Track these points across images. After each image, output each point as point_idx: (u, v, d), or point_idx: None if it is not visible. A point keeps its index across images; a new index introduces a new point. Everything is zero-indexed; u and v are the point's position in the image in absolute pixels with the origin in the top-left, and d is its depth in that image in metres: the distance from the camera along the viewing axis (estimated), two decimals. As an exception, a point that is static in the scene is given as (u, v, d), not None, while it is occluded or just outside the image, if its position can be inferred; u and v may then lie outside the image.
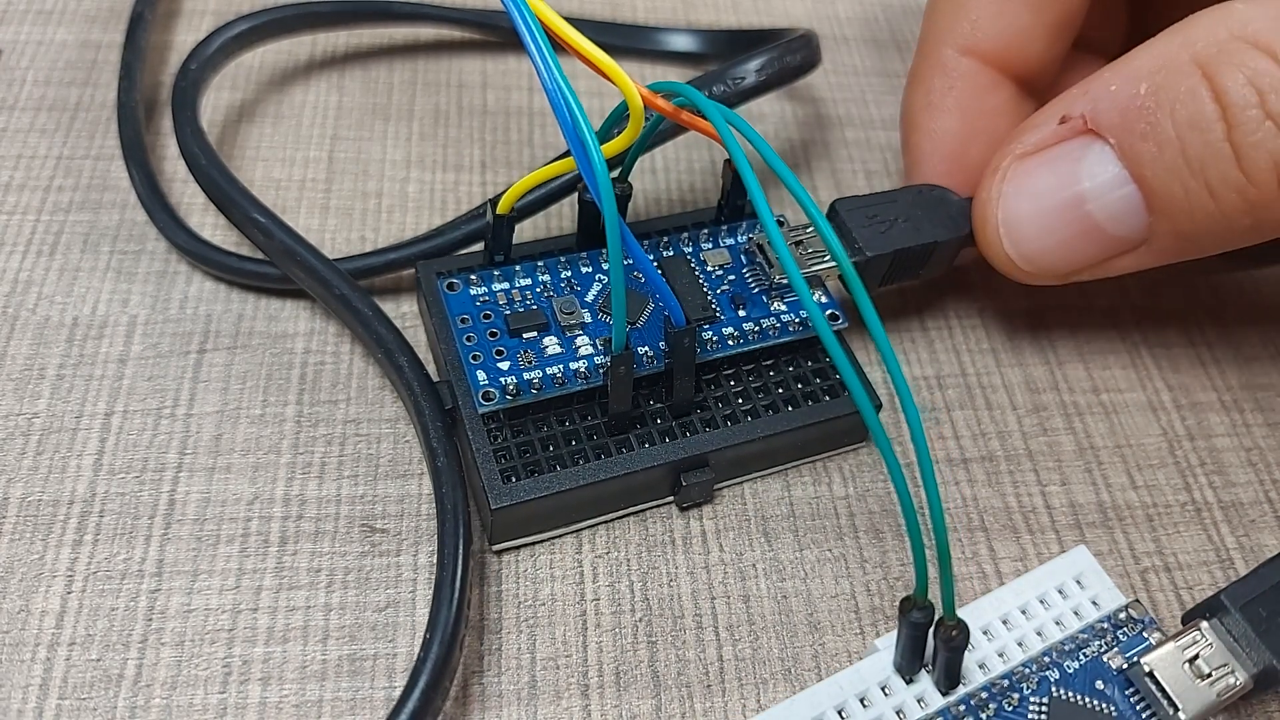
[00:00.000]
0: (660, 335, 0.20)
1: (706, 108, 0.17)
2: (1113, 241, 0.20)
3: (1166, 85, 0.18)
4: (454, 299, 0.20)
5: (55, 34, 0.27)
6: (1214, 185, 0.18)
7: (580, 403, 0.20)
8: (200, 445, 0.20)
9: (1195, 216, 0.19)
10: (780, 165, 0.16)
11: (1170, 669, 0.17)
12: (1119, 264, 0.21)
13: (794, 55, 0.23)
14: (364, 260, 0.22)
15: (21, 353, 0.21)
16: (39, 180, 0.24)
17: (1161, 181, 0.19)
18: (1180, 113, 0.18)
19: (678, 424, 0.20)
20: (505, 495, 0.18)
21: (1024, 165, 0.20)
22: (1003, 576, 0.20)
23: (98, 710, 0.17)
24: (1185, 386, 0.23)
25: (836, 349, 0.15)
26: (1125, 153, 0.19)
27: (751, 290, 0.21)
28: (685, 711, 0.18)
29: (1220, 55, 0.18)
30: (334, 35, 0.28)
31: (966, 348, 0.24)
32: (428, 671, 0.16)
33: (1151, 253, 0.20)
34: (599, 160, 0.16)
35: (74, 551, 0.19)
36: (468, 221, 0.22)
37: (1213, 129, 0.18)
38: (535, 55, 0.16)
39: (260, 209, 0.21)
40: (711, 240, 0.22)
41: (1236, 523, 0.21)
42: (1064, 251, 0.21)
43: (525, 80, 0.28)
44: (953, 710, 0.17)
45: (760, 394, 0.20)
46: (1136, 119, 0.19)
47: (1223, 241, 0.19)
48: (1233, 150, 0.18)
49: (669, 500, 0.20)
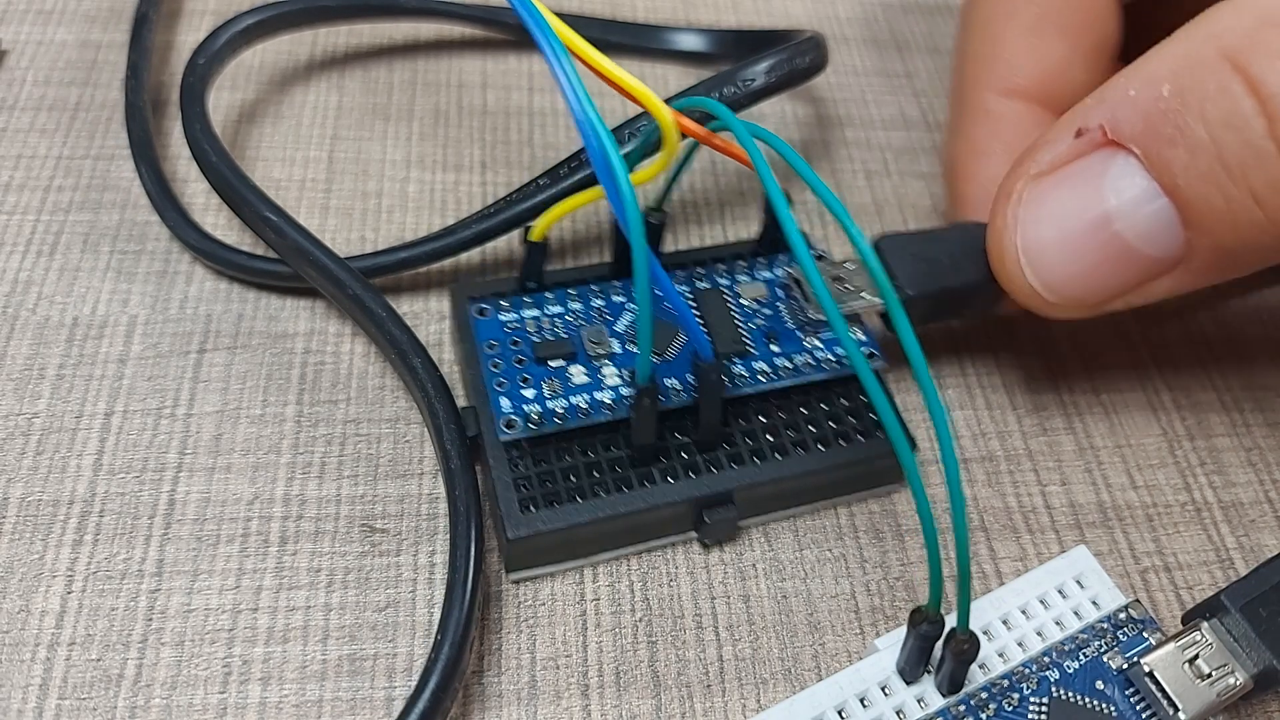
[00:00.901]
0: (690, 368, 0.20)
1: (741, 135, 0.16)
2: (1147, 263, 0.18)
3: (1193, 83, 0.16)
4: (482, 324, 0.20)
5: (55, 34, 0.27)
6: (1259, 190, 0.16)
7: (604, 434, 0.19)
8: (200, 445, 0.20)
9: (1239, 228, 0.17)
10: (835, 202, 0.16)
11: (1170, 669, 0.17)
12: (1155, 288, 0.18)
13: (803, 58, 0.23)
14: (372, 259, 0.22)
15: (21, 353, 0.21)
16: (39, 180, 0.24)
17: (1197, 191, 0.17)
18: (1212, 112, 0.16)
19: (703, 459, 0.19)
20: (523, 525, 0.18)
21: (1041, 186, 0.19)
22: (1003, 576, 0.20)
23: (98, 710, 0.17)
24: (1185, 386, 0.23)
25: (875, 388, 0.15)
26: (1153, 162, 0.17)
27: (786, 325, 0.21)
28: (685, 711, 0.18)
29: (1251, 44, 0.16)
30: (334, 35, 0.28)
31: (966, 348, 0.24)
32: (438, 673, 0.16)
33: (1190, 273, 0.18)
34: (629, 193, 0.16)
35: (74, 551, 0.19)
36: (478, 221, 0.22)
37: (1252, 126, 0.16)
38: (563, 82, 0.16)
39: (272, 207, 0.21)
40: (749, 272, 0.22)
41: (1236, 523, 0.21)
42: (1094, 279, 0.18)
43: (525, 80, 0.28)
44: (953, 710, 0.17)
45: (790, 430, 0.20)
46: (1162, 124, 0.17)
47: (1272, 255, 0.17)
48: (1278, 148, 0.16)
49: (691, 536, 0.20)
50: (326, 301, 0.23)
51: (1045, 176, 0.19)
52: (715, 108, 0.17)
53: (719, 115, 0.17)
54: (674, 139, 0.17)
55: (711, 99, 0.17)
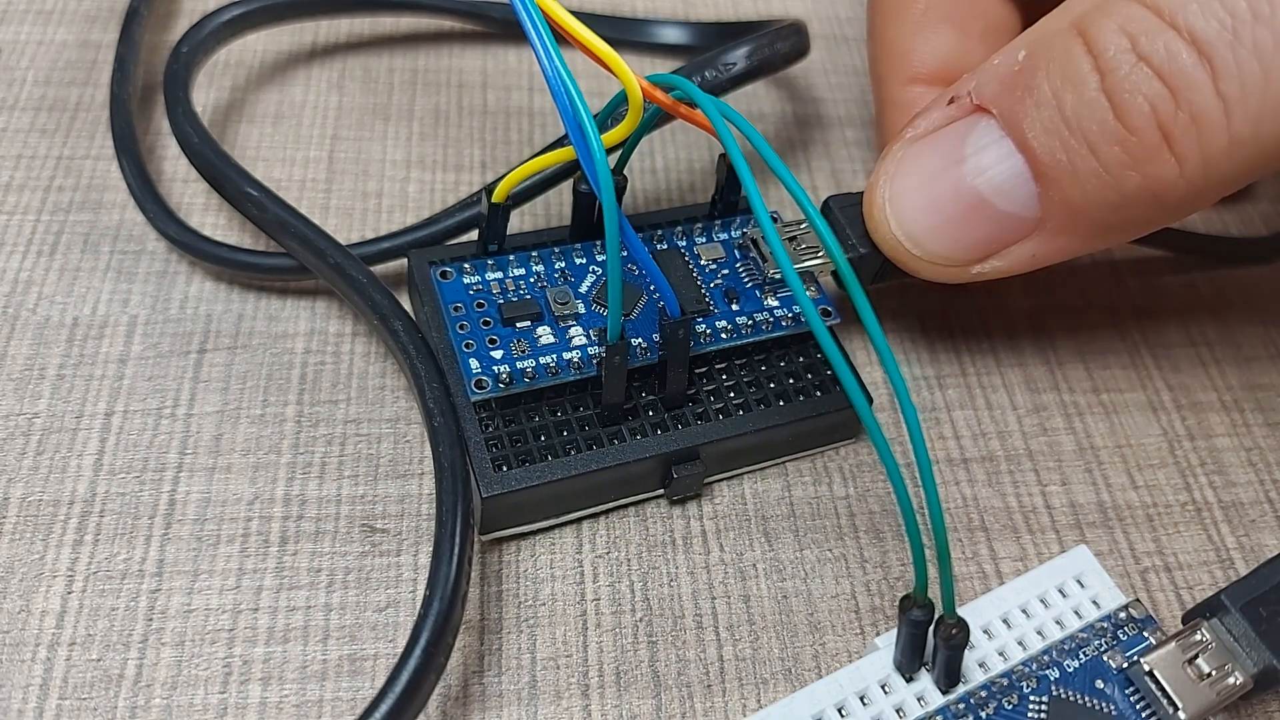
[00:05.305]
0: (654, 327, 0.20)
1: (703, 102, 0.17)
2: (1005, 220, 0.19)
3: (1043, 48, 0.18)
4: (447, 287, 0.20)
5: (55, 34, 0.27)
6: (1093, 140, 0.17)
7: (573, 393, 0.20)
8: (200, 445, 0.20)
9: (1081, 181, 0.18)
10: (775, 160, 0.16)
11: (1170, 668, 0.17)
12: (1019, 252, 0.19)
13: (783, 42, 0.23)
14: (357, 249, 0.22)
15: (22, 353, 0.21)
16: (39, 180, 0.24)
17: (1043, 144, 0.18)
18: (1055, 70, 0.18)
19: (669, 416, 0.20)
20: (496, 483, 0.18)
21: (913, 148, 0.20)
22: (1003, 576, 0.20)
23: (98, 710, 0.17)
24: (1185, 386, 0.23)
25: (829, 342, 0.15)
26: (1007, 120, 0.18)
27: (745, 284, 0.21)
28: (685, 711, 0.18)
29: (1095, 11, 0.18)
30: (334, 34, 0.28)
31: (966, 348, 0.24)
32: (429, 629, 0.16)
33: (1049, 234, 0.19)
34: (598, 148, 0.16)
35: (74, 551, 0.19)
36: (460, 210, 0.22)
37: (1087, 81, 0.17)
38: (536, 43, 0.16)
39: (253, 183, 0.21)
40: (705, 235, 0.22)
41: (1236, 523, 0.21)
42: (953, 232, 0.19)
43: (526, 80, 0.28)
44: (952, 709, 0.17)
45: (752, 388, 0.20)
46: (1015, 84, 0.18)
47: (1120, 216, 0.18)
48: (1108, 99, 0.17)
49: (660, 493, 0.20)
50: (326, 302, 0.23)
51: (918, 139, 0.20)
52: (676, 80, 0.18)
53: (679, 86, 0.17)
54: (639, 102, 0.17)
55: (673, 75, 0.18)
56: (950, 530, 0.21)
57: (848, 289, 0.16)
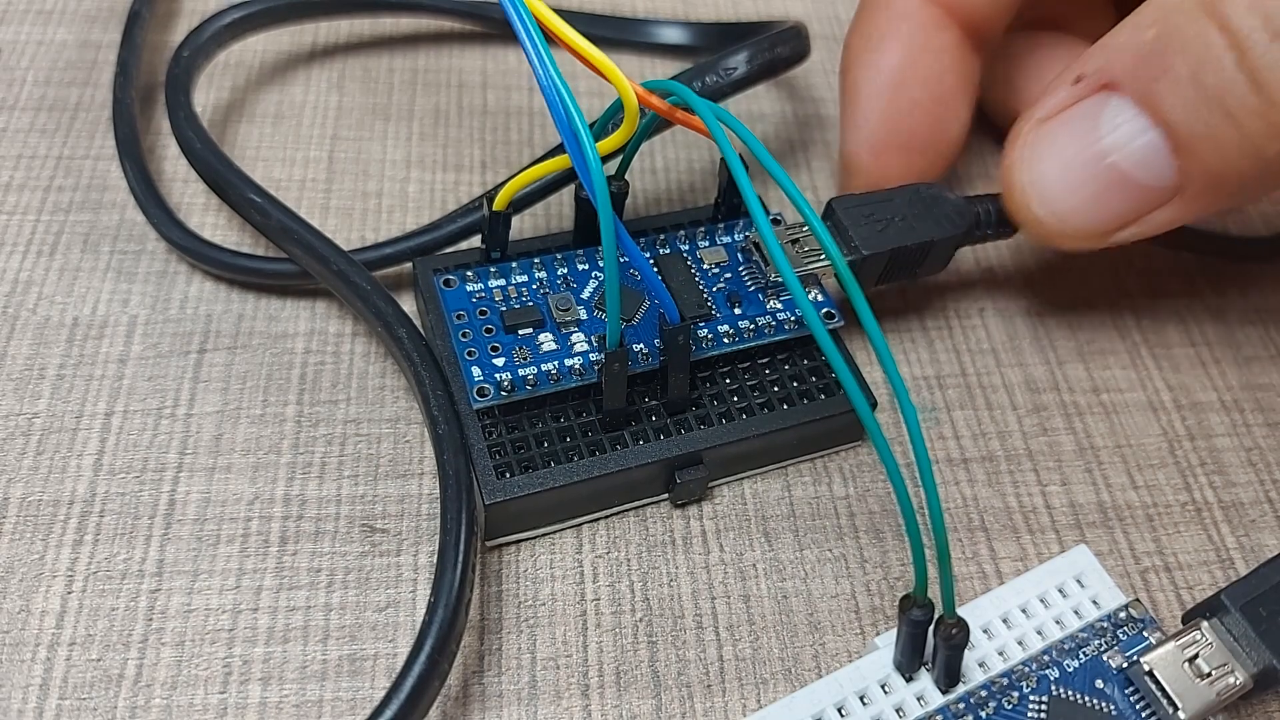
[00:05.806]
0: (656, 332, 0.20)
1: (699, 107, 0.17)
2: (1144, 192, 0.20)
3: (1174, 27, 0.19)
4: (450, 295, 0.20)
5: (55, 34, 0.27)
6: (1235, 114, 0.18)
7: (575, 399, 0.20)
8: (200, 445, 0.20)
9: (1223, 150, 0.19)
10: (772, 164, 0.16)
11: (1170, 668, 0.17)
12: (1157, 218, 0.20)
13: (784, 46, 0.23)
14: (360, 255, 0.22)
15: (21, 353, 0.21)
16: (39, 180, 0.24)
17: (1181, 119, 0.19)
18: (1190, 49, 0.18)
19: (672, 421, 0.20)
20: (499, 490, 0.18)
21: (1044, 129, 0.21)
22: (1003, 576, 0.20)
23: (98, 710, 0.17)
24: (1185, 386, 0.23)
25: (830, 345, 0.15)
26: (1142, 98, 0.19)
27: (747, 288, 0.21)
28: (685, 711, 0.18)
29: None
30: (334, 34, 0.28)
31: (966, 348, 0.24)
32: (433, 636, 0.16)
33: (1187, 200, 0.20)
34: (594, 157, 0.16)
35: (74, 551, 0.19)
36: (463, 215, 0.22)
37: (1224, 59, 0.18)
38: (530, 51, 0.16)
39: (256, 189, 0.21)
40: (708, 238, 0.22)
41: (1236, 523, 0.21)
42: (1096, 207, 0.20)
43: (525, 80, 0.28)
44: (952, 708, 0.17)
45: (755, 391, 0.20)
46: (1148, 63, 0.19)
47: (1259, 178, 0.19)
48: (1246, 76, 0.18)
49: (663, 498, 0.20)
50: (326, 302, 0.23)
51: (1049, 120, 0.21)
52: (673, 86, 0.18)
53: (675, 91, 0.17)
54: (634, 109, 0.17)
55: (670, 80, 0.18)
56: (950, 530, 0.21)
57: (848, 291, 0.16)
